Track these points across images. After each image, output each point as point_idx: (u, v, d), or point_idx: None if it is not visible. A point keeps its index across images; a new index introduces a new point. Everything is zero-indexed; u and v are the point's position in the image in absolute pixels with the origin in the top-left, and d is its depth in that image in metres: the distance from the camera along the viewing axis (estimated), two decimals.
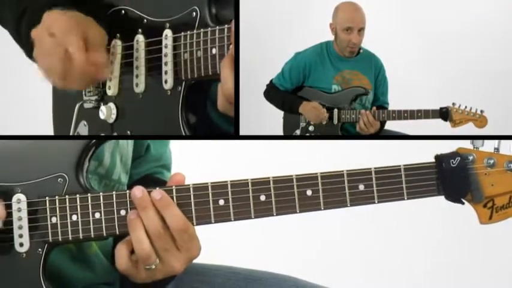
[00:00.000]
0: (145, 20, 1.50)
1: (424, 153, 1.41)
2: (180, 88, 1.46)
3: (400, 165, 1.39)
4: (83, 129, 1.59)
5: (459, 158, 1.38)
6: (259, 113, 2.46)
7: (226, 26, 1.38)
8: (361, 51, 2.41)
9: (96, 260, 1.51)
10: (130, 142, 1.59)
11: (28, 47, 1.49)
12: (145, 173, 1.64)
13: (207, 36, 1.41)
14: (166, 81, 1.47)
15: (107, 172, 1.53)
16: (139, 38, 1.50)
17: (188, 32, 1.43)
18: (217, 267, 1.63)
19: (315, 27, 2.48)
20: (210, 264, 1.64)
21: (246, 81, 1.60)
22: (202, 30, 1.41)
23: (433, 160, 1.40)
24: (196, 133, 1.49)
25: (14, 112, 2.81)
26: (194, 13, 1.44)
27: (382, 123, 2.33)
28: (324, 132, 2.37)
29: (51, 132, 1.66)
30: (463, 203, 1.40)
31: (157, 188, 1.37)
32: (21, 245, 1.39)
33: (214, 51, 1.40)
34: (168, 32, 1.46)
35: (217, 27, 1.40)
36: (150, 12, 1.50)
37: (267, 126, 2.49)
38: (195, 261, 1.57)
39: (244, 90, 1.47)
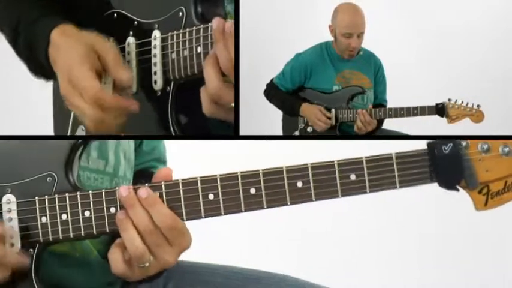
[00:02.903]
0: (136, 22, 1.51)
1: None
2: (169, 88, 1.46)
3: (391, 153, 1.37)
4: (81, 134, 1.60)
5: (451, 145, 1.36)
6: (259, 113, 2.45)
7: (209, 24, 1.38)
8: (360, 53, 2.41)
9: (97, 264, 1.51)
10: None
11: (31, 62, 1.52)
12: (140, 167, 1.63)
13: (192, 35, 1.41)
14: (156, 82, 1.47)
15: (114, 170, 1.54)
16: (131, 40, 1.51)
17: (175, 32, 1.44)
18: (216, 266, 1.62)
19: (315, 27, 2.48)
20: (209, 263, 1.63)
21: (246, 81, 1.60)
22: (187, 29, 1.42)
23: (425, 147, 1.37)
24: (187, 134, 1.49)
25: (3, 112, 2.84)
26: (181, 13, 1.45)
27: (380, 121, 2.32)
28: (322, 133, 2.36)
29: (42, 132, 1.67)
30: (458, 190, 1.37)
31: (145, 185, 1.36)
32: (12, 245, 1.39)
33: (199, 49, 1.40)
34: (157, 33, 1.47)
35: (202, 25, 1.40)
36: (140, 14, 1.51)
37: (267, 126, 2.48)
38: (194, 260, 1.58)
39: (244, 90, 1.46)
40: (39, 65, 1.51)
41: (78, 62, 1.41)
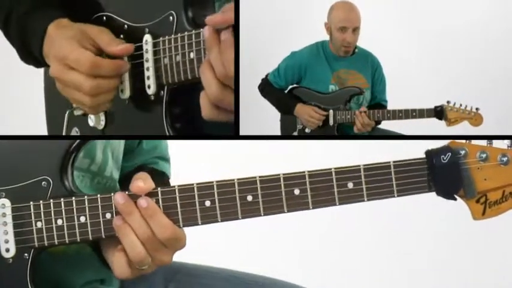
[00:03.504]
0: (126, 26, 1.50)
1: (422, 153, 1.38)
2: (162, 93, 1.45)
3: (389, 162, 1.36)
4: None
5: (450, 154, 1.35)
6: (259, 113, 2.45)
7: (201, 29, 1.37)
8: (356, 50, 2.40)
9: (90, 260, 1.50)
10: None
11: (21, 50, 1.53)
12: (137, 164, 1.63)
13: (184, 40, 1.40)
14: (149, 87, 1.46)
15: (100, 169, 1.53)
16: None
17: (166, 37, 1.42)
18: (217, 270, 1.63)
19: (314, 27, 2.47)
20: (210, 266, 1.63)
21: (246, 81, 1.58)
22: (179, 34, 1.40)
23: (424, 156, 1.36)
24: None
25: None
26: (171, 17, 1.43)
27: (377, 121, 2.32)
28: (321, 134, 2.36)
29: (38, 134, 1.66)
30: (455, 199, 1.37)
31: (143, 196, 1.35)
32: (7, 250, 1.39)
33: (192, 55, 1.39)
34: (148, 37, 1.45)
35: (194, 31, 1.39)
36: (131, 18, 1.49)
37: (267, 126, 2.48)
38: (194, 263, 1.60)
39: (244, 90, 1.45)
40: (32, 56, 1.51)
41: (67, 40, 1.42)
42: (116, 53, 1.43)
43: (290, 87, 2.44)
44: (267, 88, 2.43)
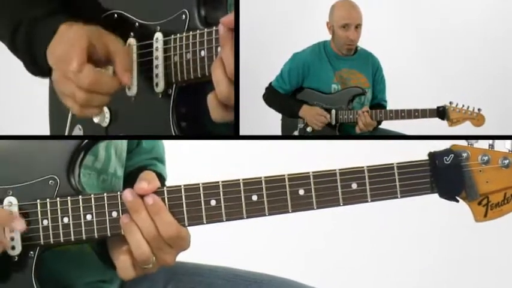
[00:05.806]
0: (137, 24, 1.50)
1: (423, 152, 1.40)
2: (170, 91, 1.46)
3: (393, 163, 1.38)
4: (78, 133, 1.60)
5: (453, 156, 1.37)
6: (259, 113, 2.45)
7: (214, 28, 1.38)
8: (358, 49, 2.41)
9: (91, 261, 1.51)
10: None
11: (27, 61, 1.52)
12: (138, 164, 1.64)
13: (196, 38, 1.41)
14: (157, 85, 1.47)
15: (103, 166, 1.54)
16: (131, 42, 1.50)
17: (178, 35, 1.43)
18: (217, 268, 1.64)
19: (314, 27, 2.48)
20: (210, 265, 1.64)
21: (245, 81, 1.59)
22: (191, 32, 1.41)
23: (427, 157, 1.38)
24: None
25: (5, 112, 2.83)
26: (183, 16, 1.44)
27: (379, 121, 2.34)
28: (322, 133, 2.37)
29: (45, 133, 1.67)
30: (457, 201, 1.38)
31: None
32: (13, 248, 1.39)
33: (203, 53, 1.40)
34: (158, 35, 1.46)
35: (206, 29, 1.39)
36: (142, 16, 1.50)
37: (267, 126, 2.48)
38: (195, 261, 1.60)
39: (243, 90, 1.46)
40: (38, 67, 1.51)
41: (74, 47, 1.41)
42: (125, 83, 1.44)
43: (294, 90, 2.45)
44: (271, 96, 2.44)
